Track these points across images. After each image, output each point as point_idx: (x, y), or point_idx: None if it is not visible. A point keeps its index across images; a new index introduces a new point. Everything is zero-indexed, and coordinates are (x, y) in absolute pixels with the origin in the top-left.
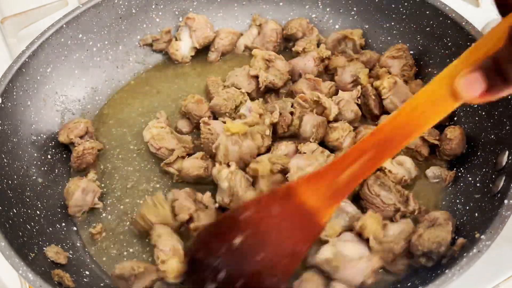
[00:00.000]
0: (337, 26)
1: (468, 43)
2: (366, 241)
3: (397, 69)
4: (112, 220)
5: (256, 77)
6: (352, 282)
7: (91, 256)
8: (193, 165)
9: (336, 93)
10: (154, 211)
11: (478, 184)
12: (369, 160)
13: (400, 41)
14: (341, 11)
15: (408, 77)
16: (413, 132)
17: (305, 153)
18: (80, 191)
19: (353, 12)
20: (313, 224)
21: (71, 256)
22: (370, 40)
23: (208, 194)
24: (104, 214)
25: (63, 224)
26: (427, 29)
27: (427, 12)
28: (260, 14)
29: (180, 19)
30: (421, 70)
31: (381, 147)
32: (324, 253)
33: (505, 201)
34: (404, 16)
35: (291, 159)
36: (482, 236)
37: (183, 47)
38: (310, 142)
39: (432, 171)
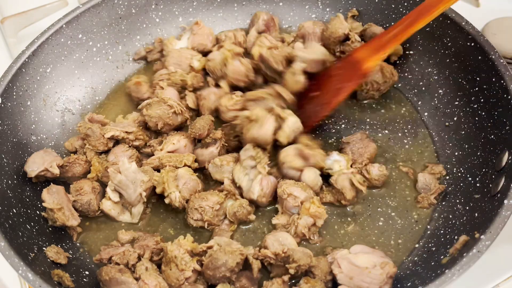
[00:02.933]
0: None
1: (468, 43)
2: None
3: None
4: (112, 222)
5: None
6: None
7: (91, 256)
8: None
9: None
10: None
11: (478, 184)
12: (408, 24)
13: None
14: (341, 11)
15: None
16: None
17: None
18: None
19: None
20: (358, 68)
21: (71, 256)
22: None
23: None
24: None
25: None
26: (427, 29)
27: None
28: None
29: (180, 19)
30: (421, 70)
31: (419, 13)
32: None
33: (505, 201)
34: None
35: None
36: (482, 236)
37: (177, 47)
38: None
39: (424, 177)
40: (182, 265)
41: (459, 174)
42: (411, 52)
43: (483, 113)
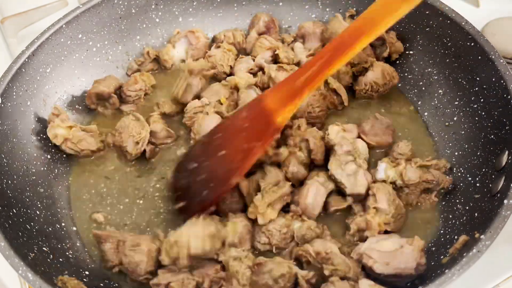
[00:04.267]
0: None
1: (468, 43)
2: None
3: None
4: (113, 220)
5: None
6: (408, 269)
7: (91, 256)
8: None
9: None
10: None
11: (478, 184)
12: (323, 64)
13: (400, 41)
14: (341, 11)
15: None
16: (365, 32)
17: None
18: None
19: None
20: (269, 123)
21: (71, 256)
22: None
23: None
24: (105, 214)
25: (63, 224)
26: (427, 29)
27: (427, 12)
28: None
29: (180, 19)
30: (421, 70)
31: (336, 50)
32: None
33: (505, 201)
34: (404, 16)
35: None
36: (482, 236)
37: (175, 58)
38: None
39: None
40: (244, 280)
41: (459, 174)
42: (411, 52)
43: (483, 113)
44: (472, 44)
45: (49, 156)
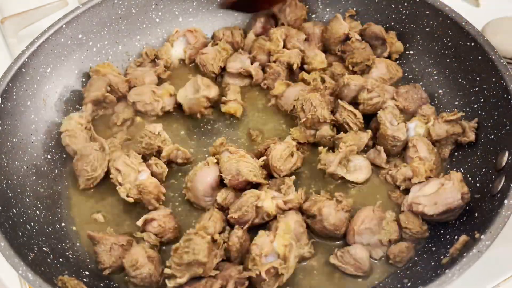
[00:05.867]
0: None
1: (468, 43)
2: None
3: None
4: (113, 220)
5: None
6: (456, 201)
7: (91, 256)
8: None
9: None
10: None
11: (478, 184)
12: None
13: (400, 41)
14: (341, 11)
15: None
16: None
17: None
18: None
19: None
20: None
21: (71, 256)
22: None
23: None
24: (105, 214)
25: (63, 224)
26: (427, 29)
27: (427, 12)
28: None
29: (180, 19)
30: (421, 70)
31: None
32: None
33: (505, 201)
34: (404, 16)
35: None
36: (482, 236)
37: (174, 57)
38: None
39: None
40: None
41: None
42: (411, 52)
43: (483, 113)
44: (472, 44)
45: (49, 156)
